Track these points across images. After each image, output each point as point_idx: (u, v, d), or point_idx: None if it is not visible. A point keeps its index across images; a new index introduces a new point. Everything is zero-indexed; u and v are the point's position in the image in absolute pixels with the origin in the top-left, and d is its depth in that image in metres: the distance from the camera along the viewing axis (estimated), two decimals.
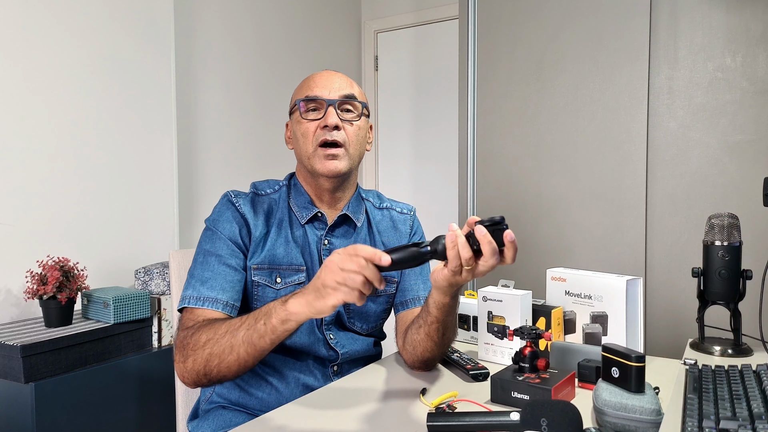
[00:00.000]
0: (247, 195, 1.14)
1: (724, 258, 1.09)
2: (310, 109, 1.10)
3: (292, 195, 1.15)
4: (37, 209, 1.76)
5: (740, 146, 1.61)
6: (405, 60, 3.25)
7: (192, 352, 0.94)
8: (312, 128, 1.09)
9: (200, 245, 1.09)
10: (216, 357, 0.92)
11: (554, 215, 1.87)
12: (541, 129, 1.89)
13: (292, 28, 2.86)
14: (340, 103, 1.09)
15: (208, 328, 0.94)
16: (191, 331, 0.96)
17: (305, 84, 1.13)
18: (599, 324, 1.17)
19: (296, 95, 1.14)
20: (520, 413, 0.78)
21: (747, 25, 1.60)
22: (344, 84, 1.12)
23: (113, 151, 1.96)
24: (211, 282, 1.03)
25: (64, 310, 1.63)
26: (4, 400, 1.50)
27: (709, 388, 0.77)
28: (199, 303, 1.01)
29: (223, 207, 1.12)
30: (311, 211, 1.13)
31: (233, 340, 0.91)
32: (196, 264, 1.07)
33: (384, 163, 3.32)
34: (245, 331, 0.90)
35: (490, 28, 1.98)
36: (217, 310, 1.02)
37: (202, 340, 0.93)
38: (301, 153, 1.12)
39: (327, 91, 1.10)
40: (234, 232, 1.08)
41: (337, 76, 1.13)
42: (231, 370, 0.93)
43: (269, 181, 1.18)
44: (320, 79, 1.11)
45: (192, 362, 0.94)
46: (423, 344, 1.07)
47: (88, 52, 1.89)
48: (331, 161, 1.08)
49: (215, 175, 2.45)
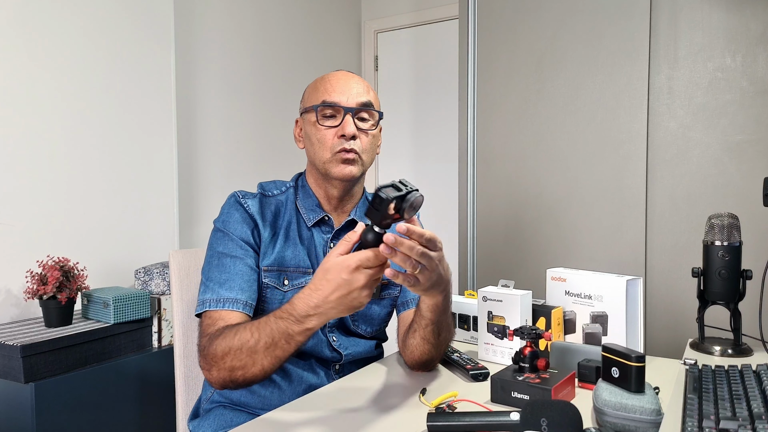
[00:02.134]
0: (255, 196, 1.13)
1: (724, 258, 1.09)
2: (327, 116, 1.09)
3: (300, 196, 1.15)
4: (37, 209, 1.76)
5: (740, 146, 1.61)
6: (405, 60, 3.25)
7: (214, 363, 0.94)
8: (330, 135, 1.08)
9: (212, 248, 1.09)
10: (239, 369, 0.93)
11: (554, 215, 1.87)
12: (541, 129, 1.89)
13: (292, 28, 2.86)
14: (357, 111, 1.09)
15: (222, 338, 0.94)
16: (211, 340, 0.96)
17: (321, 86, 1.11)
18: (599, 324, 1.17)
19: (311, 97, 1.12)
20: (520, 413, 0.78)
21: (747, 25, 1.60)
22: (362, 90, 1.11)
23: (113, 151, 1.96)
24: (229, 283, 1.03)
25: (64, 310, 1.63)
26: (4, 400, 1.50)
27: (709, 388, 0.77)
28: (220, 305, 1.01)
29: (231, 208, 1.11)
30: (319, 214, 1.13)
31: (255, 356, 0.91)
32: (212, 267, 1.06)
33: (384, 163, 3.32)
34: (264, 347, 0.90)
35: (490, 28, 1.98)
36: (237, 310, 1.02)
37: (219, 352, 0.93)
38: (315, 157, 1.11)
39: (345, 97, 1.08)
40: (245, 232, 1.08)
41: (355, 80, 1.12)
42: (258, 377, 0.94)
43: (276, 182, 1.18)
44: (338, 83, 1.10)
45: (216, 372, 0.94)
46: (420, 348, 1.07)
47: (88, 51, 1.89)
48: (347, 166, 1.08)
49: (215, 175, 2.45)
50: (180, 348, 1.25)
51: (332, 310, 0.86)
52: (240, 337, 0.92)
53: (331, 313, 0.87)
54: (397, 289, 1.20)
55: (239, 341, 0.92)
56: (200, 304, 1.04)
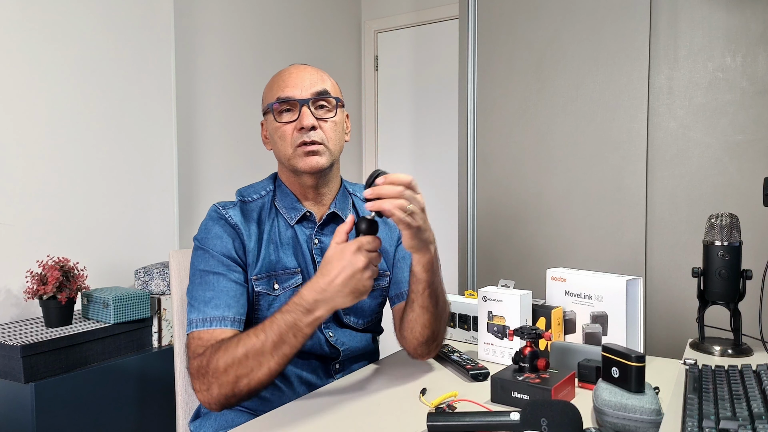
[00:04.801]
0: (235, 204, 1.12)
1: (724, 258, 1.09)
2: (284, 111, 1.08)
3: (278, 197, 1.15)
4: (37, 209, 1.76)
5: (740, 146, 1.61)
6: (405, 60, 3.25)
7: (214, 379, 0.92)
8: (288, 131, 1.08)
9: (194, 266, 1.07)
10: (244, 377, 0.91)
11: (554, 215, 1.87)
12: (541, 129, 1.89)
13: (292, 28, 2.86)
14: (313, 101, 1.08)
15: (222, 351, 0.93)
16: (205, 359, 0.94)
17: (275, 84, 1.11)
18: (599, 324, 1.17)
19: (267, 96, 1.12)
20: (520, 413, 0.78)
21: (747, 25, 1.60)
22: (315, 79, 1.09)
23: (113, 151, 1.96)
24: (214, 301, 1.02)
25: (64, 310, 1.63)
26: (4, 400, 1.50)
27: (709, 388, 0.77)
28: (207, 324, 1.00)
29: (210, 222, 1.09)
30: (299, 211, 1.13)
31: (261, 358, 0.91)
32: (195, 286, 1.05)
33: (384, 163, 3.32)
34: (272, 346, 0.91)
35: (490, 28, 1.98)
36: (226, 328, 1.00)
37: (222, 365, 0.92)
38: (280, 154, 1.11)
39: (299, 90, 1.07)
40: (226, 247, 1.06)
41: (307, 71, 1.11)
42: (262, 383, 0.93)
43: (254, 186, 1.17)
44: (290, 78, 1.09)
45: (218, 388, 0.92)
46: (420, 319, 1.07)
47: (88, 51, 1.89)
48: (311, 157, 1.07)
49: (215, 175, 2.45)
50: (180, 348, 1.24)
51: (338, 295, 0.90)
52: (244, 344, 0.91)
53: (338, 298, 0.90)
54: (386, 280, 1.19)
55: (243, 348, 0.91)
56: (188, 324, 1.02)
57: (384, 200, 0.91)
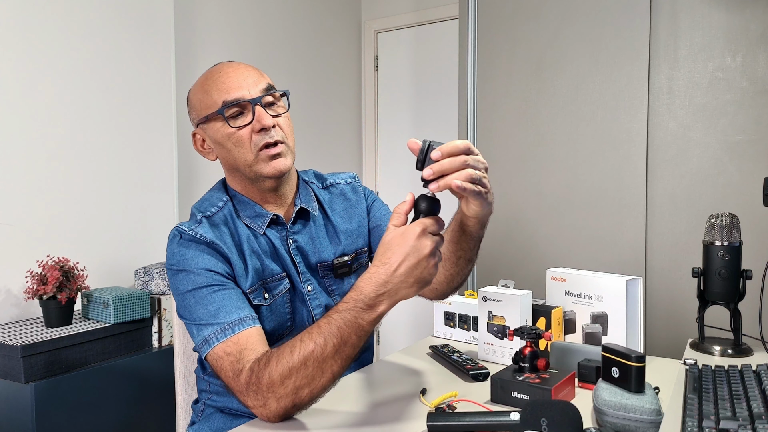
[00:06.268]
0: (200, 221, 1.01)
1: (724, 258, 1.09)
2: (235, 115, 0.99)
3: (239, 209, 1.06)
4: (37, 209, 1.76)
5: (740, 146, 1.61)
6: (405, 60, 3.25)
7: (270, 393, 0.85)
8: (245, 135, 0.99)
9: (179, 291, 0.97)
10: (305, 387, 0.84)
11: (554, 215, 1.87)
12: (541, 129, 1.89)
13: (293, 29, 2.86)
14: (264, 100, 1.00)
15: (275, 362, 0.85)
16: (254, 374, 0.86)
17: (214, 87, 1.00)
18: (599, 324, 1.17)
19: (205, 102, 1.01)
20: (520, 413, 0.78)
21: (747, 25, 1.60)
22: (256, 76, 1.02)
23: (113, 151, 1.96)
24: (223, 309, 0.93)
25: (64, 310, 1.63)
26: (4, 400, 1.50)
27: (709, 388, 0.77)
28: (228, 332, 0.91)
29: (180, 247, 0.98)
30: (265, 217, 1.05)
31: (324, 365, 0.83)
32: (190, 307, 0.95)
33: (384, 163, 3.32)
34: (333, 350, 0.83)
35: (490, 28, 1.98)
36: (250, 327, 0.92)
37: (278, 378, 0.84)
38: (237, 162, 1.01)
39: (246, 90, 0.99)
40: (209, 262, 0.97)
41: (245, 68, 1.03)
42: (326, 389, 0.87)
43: (208, 200, 1.08)
44: (229, 79, 1.00)
45: (275, 402, 0.85)
46: (464, 271, 1.04)
47: (88, 52, 1.89)
48: (276, 160, 1.00)
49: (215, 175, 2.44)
50: (180, 348, 1.24)
51: (402, 285, 0.81)
52: (300, 352, 0.83)
53: (401, 290, 0.81)
54: (365, 257, 1.17)
55: (300, 356, 0.83)
56: (204, 344, 0.92)
57: (449, 176, 0.81)
